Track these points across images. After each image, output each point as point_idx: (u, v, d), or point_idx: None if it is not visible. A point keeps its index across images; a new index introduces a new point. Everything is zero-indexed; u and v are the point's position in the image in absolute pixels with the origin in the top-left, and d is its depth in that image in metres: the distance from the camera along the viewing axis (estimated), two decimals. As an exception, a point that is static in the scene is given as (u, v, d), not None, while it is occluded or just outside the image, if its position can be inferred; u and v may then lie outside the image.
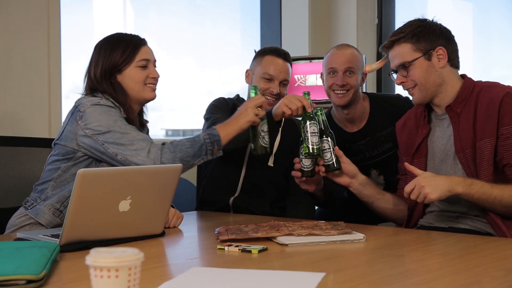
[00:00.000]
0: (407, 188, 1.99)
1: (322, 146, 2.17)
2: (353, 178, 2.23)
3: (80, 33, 3.54)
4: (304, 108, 2.20)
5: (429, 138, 2.23)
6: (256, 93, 2.20)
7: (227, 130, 2.13)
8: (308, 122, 2.17)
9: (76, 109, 2.08)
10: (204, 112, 2.68)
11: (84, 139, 2.05)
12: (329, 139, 2.17)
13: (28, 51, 2.92)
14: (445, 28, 2.18)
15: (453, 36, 2.18)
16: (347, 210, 2.61)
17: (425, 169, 2.19)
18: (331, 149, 2.17)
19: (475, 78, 2.21)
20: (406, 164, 2.11)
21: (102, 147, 2.03)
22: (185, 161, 2.04)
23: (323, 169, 2.19)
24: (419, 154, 2.23)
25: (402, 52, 2.15)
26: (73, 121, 2.08)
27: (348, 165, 2.21)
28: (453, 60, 2.17)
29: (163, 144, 2.07)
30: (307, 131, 2.16)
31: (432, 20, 2.17)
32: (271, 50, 2.66)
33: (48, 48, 2.98)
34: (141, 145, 2.02)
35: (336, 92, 2.66)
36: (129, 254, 1.00)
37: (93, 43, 2.24)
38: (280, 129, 2.63)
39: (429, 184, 1.94)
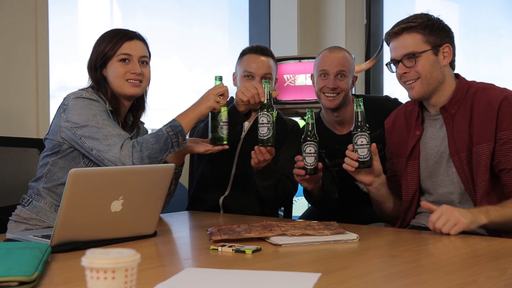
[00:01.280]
0: (433, 217, 1.86)
1: (360, 141, 2.07)
2: (377, 177, 2.17)
3: (67, 33, 3.50)
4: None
5: (421, 139, 2.20)
6: (220, 82, 2.22)
7: (189, 118, 2.14)
8: (260, 112, 2.20)
9: (62, 103, 2.11)
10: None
11: (66, 131, 2.07)
12: (366, 134, 2.07)
13: (15, 51, 2.89)
14: (450, 28, 2.15)
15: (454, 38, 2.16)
16: (337, 211, 2.61)
17: (418, 171, 2.18)
18: (369, 145, 2.08)
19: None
20: (423, 202, 2.00)
21: (80, 141, 2.04)
22: (153, 157, 2.03)
23: (356, 164, 2.08)
24: (413, 156, 2.20)
25: (412, 41, 2.08)
26: (58, 114, 2.10)
27: (378, 164, 2.13)
28: (453, 61, 2.15)
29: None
30: (258, 121, 2.20)
31: (438, 18, 2.14)
32: (249, 49, 2.66)
33: (36, 48, 2.95)
34: (114, 140, 2.01)
35: (327, 95, 2.65)
36: (125, 255, 0.98)
37: (79, 44, 2.22)
38: (248, 121, 2.62)
39: (457, 211, 1.84)
